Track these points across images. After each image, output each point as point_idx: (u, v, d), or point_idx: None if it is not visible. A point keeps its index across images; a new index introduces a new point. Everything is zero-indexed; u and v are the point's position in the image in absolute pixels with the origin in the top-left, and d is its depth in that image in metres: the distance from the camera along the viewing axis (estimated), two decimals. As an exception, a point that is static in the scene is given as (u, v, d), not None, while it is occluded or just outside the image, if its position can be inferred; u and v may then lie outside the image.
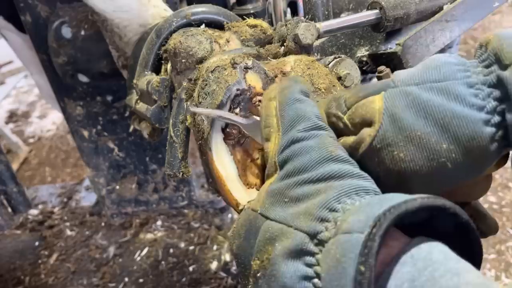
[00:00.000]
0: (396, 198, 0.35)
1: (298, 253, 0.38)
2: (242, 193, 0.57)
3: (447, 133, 0.42)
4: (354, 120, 0.48)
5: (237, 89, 0.59)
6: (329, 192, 0.39)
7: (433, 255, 0.33)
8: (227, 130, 0.59)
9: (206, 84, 0.60)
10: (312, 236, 0.38)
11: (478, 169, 0.44)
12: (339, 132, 0.50)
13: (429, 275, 0.32)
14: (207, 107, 0.59)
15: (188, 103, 0.59)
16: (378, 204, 0.35)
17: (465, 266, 0.33)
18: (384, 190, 0.42)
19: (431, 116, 0.42)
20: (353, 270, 0.32)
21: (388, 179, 0.45)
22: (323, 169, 0.42)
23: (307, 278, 0.37)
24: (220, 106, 0.58)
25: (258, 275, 0.41)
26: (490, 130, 0.41)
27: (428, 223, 0.38)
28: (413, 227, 0.38)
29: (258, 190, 0.58)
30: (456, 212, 0.36)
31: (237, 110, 0.59)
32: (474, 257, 0.38)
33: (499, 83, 0.42)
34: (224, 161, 0.58)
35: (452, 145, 0.42)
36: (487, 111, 0.42)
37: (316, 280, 0.37)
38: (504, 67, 0.42)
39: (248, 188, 0.58)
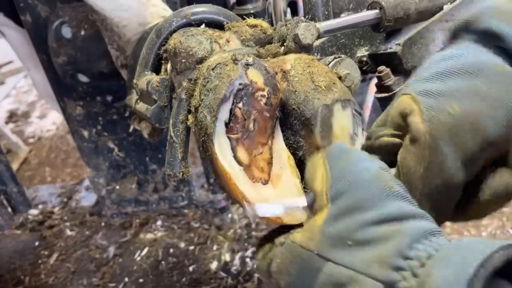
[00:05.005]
0: (475, 249, 0.37)
1: None
2: (247, 186, 0.57)
3: (474, 74, 0.48)
4: (394, 120, 0.51)
5: (240, 84, 0.59)
6: (399, 238, 0.41)
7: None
8: (231, 125, 0.59)
9: (208, 81, 0.60)
10: (389, 285, 0.40)
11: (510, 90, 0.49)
12: (389, 149, 0.52)
13: None
14: (209, 103, 0.59)
15: (249, 204, 0.56)
16: (461, 260, 0.36)
17: None
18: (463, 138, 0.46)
19: (458, 72, 0.48)
20: None
21: (464, 127, 0.47)
22: (385, 209, 0.43)
23: None
24: (223, 100, 0.58)
25: None
26: (499, 58, 0.49)
27: None
28: None
29: (264, 184, 0.58)
30: None
31: (240, 105, 0.59)
32: None
33: (486, 37, 0.51)
34: (228, 155, 0.58)
35: (482, 80, 0.47)
36: (488, 52, 0.50)
37: None
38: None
39: (254, 182, 0.58)
